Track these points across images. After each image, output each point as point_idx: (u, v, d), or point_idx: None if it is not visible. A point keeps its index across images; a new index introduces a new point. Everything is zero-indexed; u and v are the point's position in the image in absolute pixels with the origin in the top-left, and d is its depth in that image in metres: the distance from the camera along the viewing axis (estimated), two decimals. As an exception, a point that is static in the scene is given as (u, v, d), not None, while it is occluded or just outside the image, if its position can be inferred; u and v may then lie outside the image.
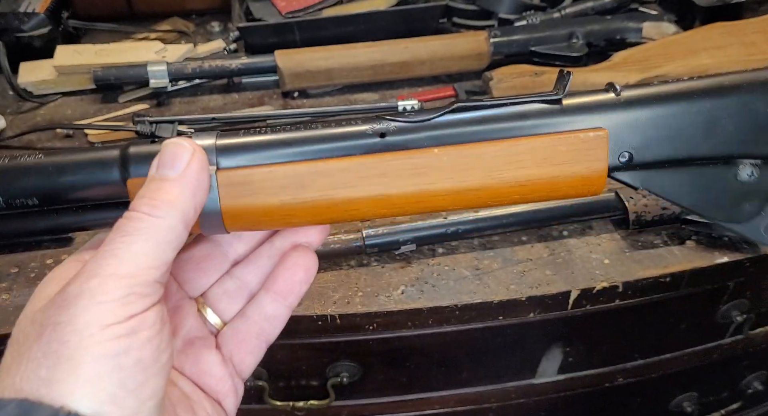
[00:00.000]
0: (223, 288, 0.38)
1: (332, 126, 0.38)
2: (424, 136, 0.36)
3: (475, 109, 0.36)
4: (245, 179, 0.34)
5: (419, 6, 0.91)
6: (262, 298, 0.37)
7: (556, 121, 0.35)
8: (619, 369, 0.79)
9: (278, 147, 0.36)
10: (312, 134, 0.37)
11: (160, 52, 0.91)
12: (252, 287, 0.38)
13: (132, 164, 0.35)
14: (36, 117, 0.87)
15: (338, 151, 0.36)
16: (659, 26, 0.88)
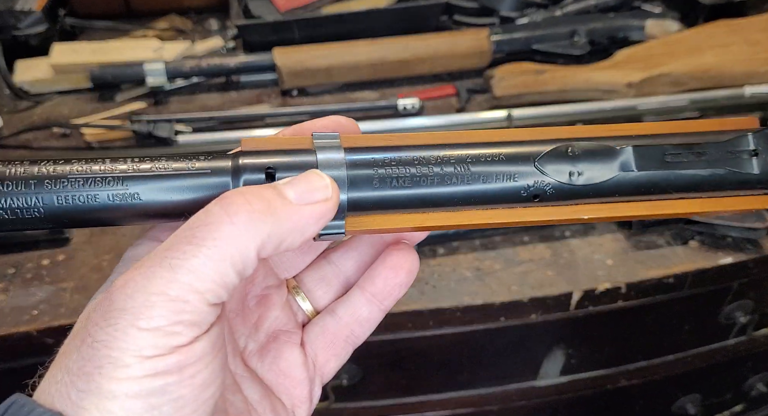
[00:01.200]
0: (319, 272, 0.34)
1: (482, 180, 0.29)
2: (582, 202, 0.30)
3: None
4: (371, 222, 0.30)
5: (420, 3, 0.90)
6: (356, 298, 0.33)
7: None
8: (622, 370, 0.78)
9: (417, 206, 0.30)
10: (456, 191, 0.30)
11: (157, 50, 0.90)
12: (349, 275, 0.34)
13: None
14: (32, 116, 0.86)
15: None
16: (662, 24, 0.87)
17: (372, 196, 0.29)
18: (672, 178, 0.29)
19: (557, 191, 0.29)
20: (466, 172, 0.29)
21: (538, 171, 0.29)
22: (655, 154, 0.29)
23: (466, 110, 0.83)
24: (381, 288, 0.33)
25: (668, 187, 0.29)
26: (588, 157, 0.29)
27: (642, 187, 0.29)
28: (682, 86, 0.81)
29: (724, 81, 0.82)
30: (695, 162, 0.29)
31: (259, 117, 0.82)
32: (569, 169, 0.29)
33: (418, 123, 0.79)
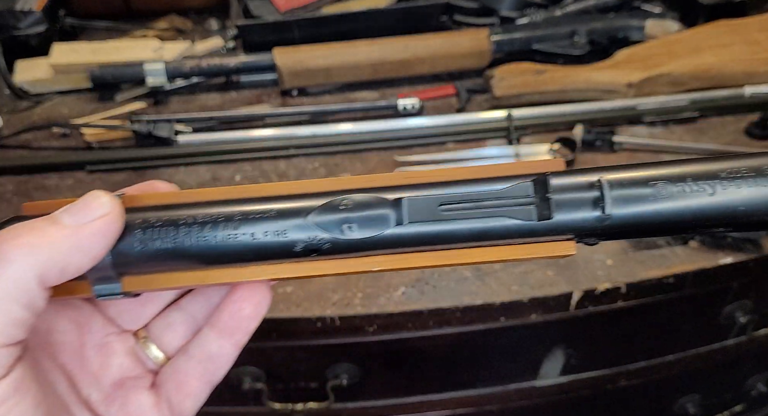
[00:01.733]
0: (167, 320, 0.34)
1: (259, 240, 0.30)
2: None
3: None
4: (151, 281, 0.30)
5: (420, 3, 0.90)
6: (206, 336, 0.33)
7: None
8: (622, 370, 0.78)
9: (194, 264, 0.30)
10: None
11: (157, 50, 0.90)
12: (199, 318, 0.34)
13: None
14: (32, 116, 0.86)
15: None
16: (662, 24, 0.87)
17: (140, 255, 0.29)
18: (448, 230, 0.28)
19: (334, 246, 0.28)
20: (236, 231, 0.29)
21: (311, 226, 0.28)
22: (429, 205, 0.28)
23: (466, 110, 0.83)
24: (228, 322, 0.32)
25: (448, 239, 0.28)
26: (362, 210, 0.28)
27: (419, 239, 0.28)
28: (682, 86, 0.81)
29: (725, 81, 0.82)
30: (471, 212, 0.28)
31: (259, 117, 0.82)
32: (342, 223, 0.28)
33: (418, 123, 0.79)
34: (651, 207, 0.27)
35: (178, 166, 0.76)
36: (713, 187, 0.27)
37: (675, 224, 0.28)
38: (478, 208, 0.28)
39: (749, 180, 0.27)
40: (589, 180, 0.28)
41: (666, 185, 0.27)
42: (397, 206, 0.28)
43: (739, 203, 0.27)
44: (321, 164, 0.76)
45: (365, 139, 0.78)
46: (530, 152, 0.73)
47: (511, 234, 0.28)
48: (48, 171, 0.77)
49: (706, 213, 0.27)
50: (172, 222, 0.29)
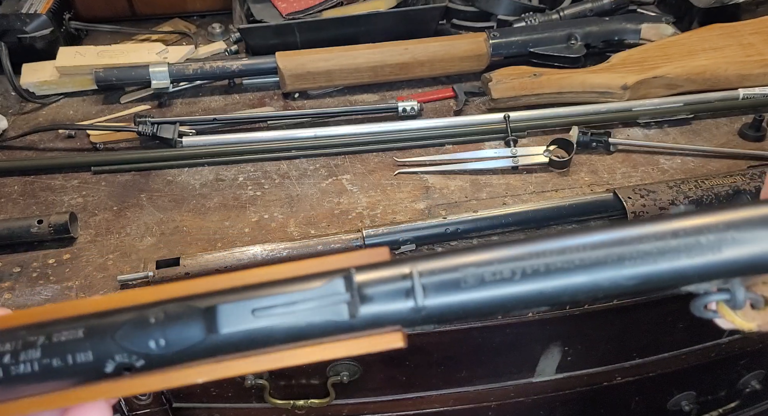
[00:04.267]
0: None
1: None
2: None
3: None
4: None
5: (419, 8, 0.92)
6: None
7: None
8: (618, 368, 0.79)
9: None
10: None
11: (161, 53, 0.92)
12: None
13: None
14: (38, 117, 0.87)
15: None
16: (657, 28, 0.89)
17: None
18: (265, 335, 0.27)
19: (149, 361, 0.27)
20: (47, 354, 0.27)
21: (119, 345, 0.27)
22: (242, 312, 0.27)
23: (464, 112, 0.84)
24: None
25: (266, 342, 0.27)
26: (173, 322, 0.27)
27: (236, 345, 0.27)
28: (677, 88, 0.83)
29: (718, 83, 0.83)
30: (286, 316, 0.27)
31: (261, 119, 0.83)
32: (152, 337, 0.27)
33: (417, 125, 0.80)
34: (465, 295, 0.27)
35: (181, 167, 0.78)
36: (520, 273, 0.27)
37: (492, 309, 0.28)
38: (292, 312, 0.27)
39: (554, 267, 0.27)
40: (402, 272, 0.27)
41: (474, 271, 0.27)
42: (210, 314, 0.27)
43: (546, 287, 0.27)
44: (322, 165, 0.77)
45: (365, 140, 0.79)
46: (527, 153, 0.75)
47: (329, 332, 0.28)
48: (54, 172, 0.78)
49: (516, 299, 0.27)
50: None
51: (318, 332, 0.27)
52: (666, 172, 0.75)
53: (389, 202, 0.71)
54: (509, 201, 0.71)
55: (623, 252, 0.28)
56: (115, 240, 0.69)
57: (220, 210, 0.72)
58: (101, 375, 0.27)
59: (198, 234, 0.69)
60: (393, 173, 0.75)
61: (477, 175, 0.75)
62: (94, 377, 0.27)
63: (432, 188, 0.73)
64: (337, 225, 0.69)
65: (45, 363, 0.27)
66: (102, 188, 0.75)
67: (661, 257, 0.28)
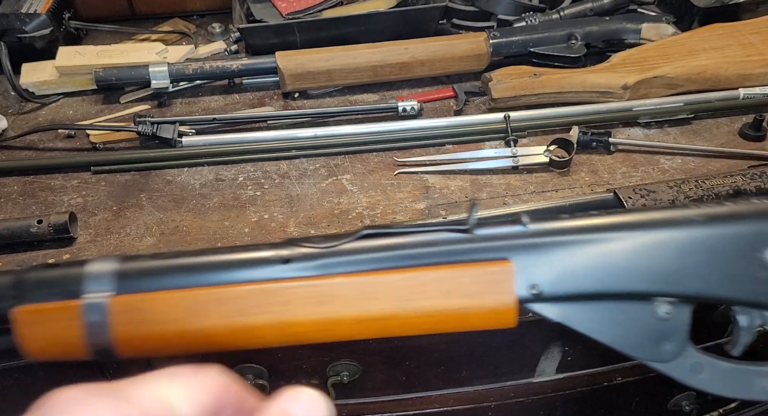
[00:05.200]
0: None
1: (240, 251, 0.35)
2: (330, 262, 0.34)
3: (384, 236, 0.36)
4: (140, 305, 0.32)
5: (419, 7, 0.92)
6: None
7: (464, 249, 0.35)
8: (618, 368, 0.79)
9: (180, 273, 0.33)
10: (216, 259, 0.34)
11: (161, 52, 0.92)
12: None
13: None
14: (38, 117, 0.87)
15: (243, 277, 0.34)
16: (658, 27, 0.89)
17: (137, 267, 0.34)
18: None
19: (304, 254, 0.34)
20: (227, 248, 0.36)
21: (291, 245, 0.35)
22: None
23: (464, 112, 0.84)
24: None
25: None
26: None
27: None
28: (677, 88, 0.83)
29: (719, 83, 0.83)
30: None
31: (261, 119, 0.83)
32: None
33: (417, 125, 0.80)
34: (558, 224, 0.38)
35: (181, 167, 0.78)
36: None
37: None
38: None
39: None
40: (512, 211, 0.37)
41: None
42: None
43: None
44: (322, 165, 0.77)
45: (365, 140, 0.79)
46: (527, 153, 0.75)
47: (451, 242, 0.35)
48: (53, 172, 0.78)
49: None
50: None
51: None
52: (666, 171, 0.74)
53: (389, 202, 0.71)
54: (509, 201, 0.71)
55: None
56: (115, 240, 0.68)
57: (219, 210, 0.72)
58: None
59: (198, 234, 0.69)
60: (393, 173, 0.75)
61: (477, 175, 0.75)
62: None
63: (432, 188, 0.73)
64: (337, 226, 0.69)
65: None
66: (102, 188, 0.75)
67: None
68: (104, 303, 0.32)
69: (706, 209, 0.36)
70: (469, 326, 0.35)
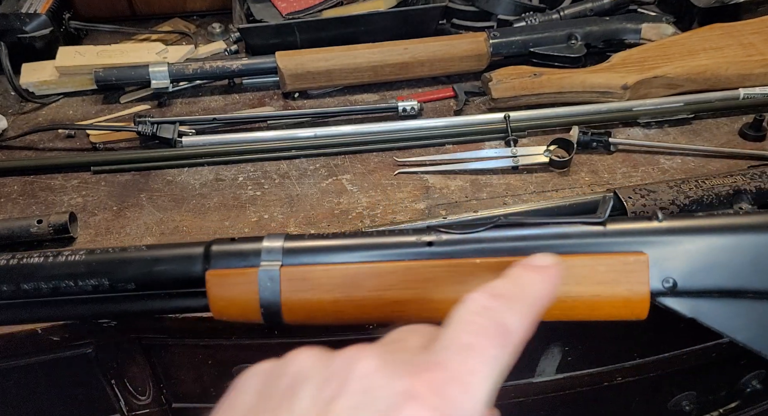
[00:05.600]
0: None
1: (387, 235, 0.39)
2: (469, 248, 0.38)
3: (518, 227, 0.38)
4: (305, 276, 0.37)
5: (419, 7, 0.92)
6: None
7: (598, 242, 0.37)
8: (618, 368, 0.79)
9: (337, 251, 0.38)
10: (368, 241, 0.39)
11: (161, 52, 0.92)
12: None
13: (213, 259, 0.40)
14: (38, 117, 0.87)
15: (390, 256, 0.38)
16: (658, 27, 0.89)
17: (303, 245, 0.40)
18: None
19: (445, 240, 0.38)
20: (377, 232, 0.41)
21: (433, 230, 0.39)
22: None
23: (464, 112, 0.84)
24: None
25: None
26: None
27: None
28: (677, 88, 0.83)
29: (719, 83, 0.83)
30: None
31: (261, 119, 0.83)
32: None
33: (417, 124, 0.80)
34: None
35: (181, 167, 0.78)
36: None
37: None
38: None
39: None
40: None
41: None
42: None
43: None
44: (322, 165, 0.77)
45: (365, 140, 0.79)
46: (527, 153, 0.75)
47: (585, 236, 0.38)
48: (53, 172, 0.78)
49: None
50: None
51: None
52: (666, 171, 0.74)
53: (389, 202, 0.71)
54: (509, 201, 0.71)
55: None
56: (115, 240, 0.68)
57: (219, 210, 0.72)
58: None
59: (198, 234, 0.69)
60: (393, 173, 0.75)
61: (477, 174, 0.75)
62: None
63: (432, 188, 0.73)
64: (337, 225, 0.69)
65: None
66: (102, 188, 0.75)
67: None
68: (276, 270, 0.38)
69: None
70: (600, 314, 0.36)
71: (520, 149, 0.75)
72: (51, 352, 0.64)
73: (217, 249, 0.41)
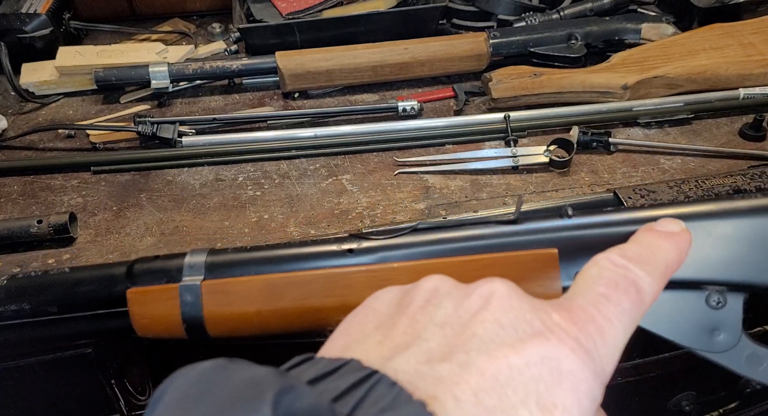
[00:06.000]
0: None
1: (309, 245, 0.40)
2: (389, 255, 0.38)
3: (437, 231, 0.39)
4: (226, 288, 0.37)
5: (419, 7, 0.92)
6: None
7: (511, 241, 0.38)
8: (618, 368, 0.79)
9: (260, 264, 0.39)
10: (290, 252, 0.40)
11: (161, 52, 0.92)
12: None
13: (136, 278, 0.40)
14: (38, 117, 0.87)
15: (312, 266, 0.38)
16: (658, 27, 0.89)
17: (224, 259, 0.40)
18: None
19: (366, 246, 0.39)
20: (299, 242, 0.42)
21: (354, 237, 0.41)
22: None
23: (464, 112, 0.84)
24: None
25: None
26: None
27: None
28: (677, 88, 0.83)
29: (719, 83, 0.83)
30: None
31: (261, 119, 0.83)
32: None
33: (417, 125, 0.80)
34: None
35: (181, 167, 0.78)
36: None
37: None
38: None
39: None
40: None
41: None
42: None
43: None
44: (322, 165, 0.77)
45: (365, 140, 0.79)
46: (527, 153, 0.75)
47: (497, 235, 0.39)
48: (53, 172, 0.78)
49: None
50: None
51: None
52: (666, 171, 0.74)
53: (389, 202, 0.71)
54: (509, 201, 0.71)
55: None
56: (115, 240, 0.68)
57: (219, 210, 0.72)
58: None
59: (198, 234, 0.69)
60: (393, 173, 0.75)
61: (477, 174, 0.75)
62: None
63: (432, 188, 0.73)
64: (337, 225, 0.69)
65: None
66: (102, 188, 0.75)
67: None
68: (197, 285, 0.38)
69: (754, 200, 0.37)
70: None
71: (520, 149, 0.75)
72: (51, 352, 0.64)
73: (139, 267, 0.41)
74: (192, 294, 0.37)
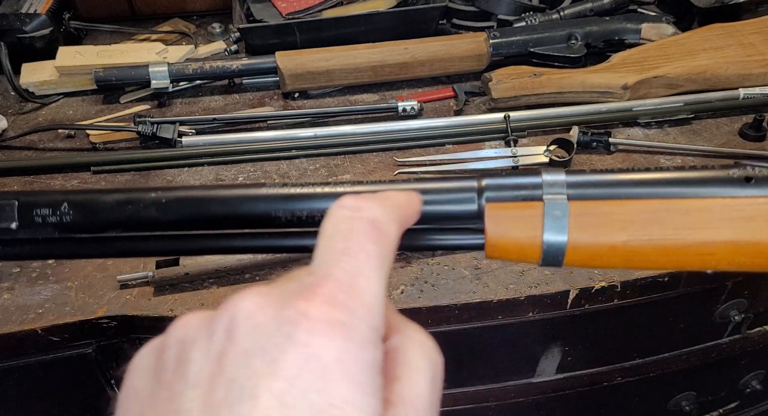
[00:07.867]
0: None
1: (688, 170, 0.34)
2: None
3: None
4: (597, 210, 0.32)
5: (419, 7, 0.92)
6: None
7: None
8: (618, 368, 0.79)
9: (627, 186, 0.33)
10: (665, 176, 0.34)
11: (161, 53, 0.92)
12: None
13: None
14: (38, 117, 0.87)
15: (694, 193, 0.32)
16: (658, 27, 0.89)
17: (587, 179, 0.33)
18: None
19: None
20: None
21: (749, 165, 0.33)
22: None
23: (464, 112, 0.84)
24: None
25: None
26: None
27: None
28: (677, 88, 0.83)
29: (719, 83, 0.83)
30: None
31: (261, 119, 0.83)
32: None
33: (417, 125, 0.80)
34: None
35: (181, 167, 0.78)
36: None
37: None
38: None
39: None
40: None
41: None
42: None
43: None
44: (322, 165, 0.77)
45: (365, 140, 0.79)
46: (527, 153, 0.75)
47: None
48: (53, 172, 0.78)
49: None
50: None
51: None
52: (666, 171, 0.74)
53: (389, 202, 0.71)
54: (509, 201, 0.71)
55: None
56: (115, 240, 0.68)
57: (219, 210, 0.71)
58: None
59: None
60: (393, 173, 0.75)
61: (477, 174, 0.75)
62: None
63: (432, 188, 0.73)
64: (337, 226, 0.69)
65: None
66: (101, 188, 0.75)
67: None
68: (564, 203, 0.33)
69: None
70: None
71: (520, 149, 0.75)
72: (51, 352, 0.64)
73: (492, 181, 0.35)
74: (560, 211, 0.32)
